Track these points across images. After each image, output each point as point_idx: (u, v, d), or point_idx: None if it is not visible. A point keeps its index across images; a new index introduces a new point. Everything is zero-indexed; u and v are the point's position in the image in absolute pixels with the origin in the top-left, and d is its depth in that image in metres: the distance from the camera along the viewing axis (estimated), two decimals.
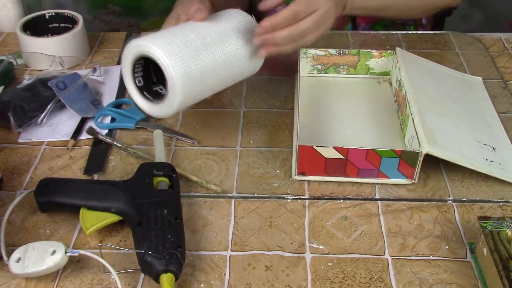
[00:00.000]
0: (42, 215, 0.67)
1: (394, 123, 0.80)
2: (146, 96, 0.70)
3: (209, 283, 0.60)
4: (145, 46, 0.65)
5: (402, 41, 1.01)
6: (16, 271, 0.58)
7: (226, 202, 0.69)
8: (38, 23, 0.96)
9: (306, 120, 0.80)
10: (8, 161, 0.75)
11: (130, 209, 0.63)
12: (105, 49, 1.00)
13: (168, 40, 0.66)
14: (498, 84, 0.89)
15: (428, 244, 0.64)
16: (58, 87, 0.83)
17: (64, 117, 0.83)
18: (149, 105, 0.70)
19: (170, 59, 0.64)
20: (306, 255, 0.62)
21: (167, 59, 0.64)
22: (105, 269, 0.60)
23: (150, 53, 0.64)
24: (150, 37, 0.66)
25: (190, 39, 0.67)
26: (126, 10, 1.80)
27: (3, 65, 0.89)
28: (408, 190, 0.71)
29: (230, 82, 0.73)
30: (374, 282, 0.59)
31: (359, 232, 0.65)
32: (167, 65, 0.64)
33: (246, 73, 0.75)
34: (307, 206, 0.68)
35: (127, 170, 0.74)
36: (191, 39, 0.67)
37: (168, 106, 0.67)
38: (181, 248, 0.59)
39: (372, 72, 0.89)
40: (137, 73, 0.70)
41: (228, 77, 0.72)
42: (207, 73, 0.68)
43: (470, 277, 0.60)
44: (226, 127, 0.81)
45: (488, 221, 0.60)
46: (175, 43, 0.65)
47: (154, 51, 0.64)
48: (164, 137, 0.77)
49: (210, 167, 0.74)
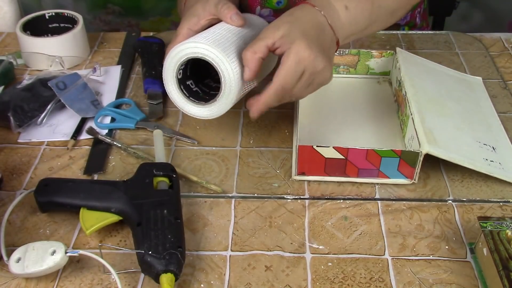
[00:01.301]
0: (42, 215, 0.67)
1: (394, 123, 0.80)
2: (193, 100, 0.71)
3: (209, 283, 0.60)
4: (198, 48, 0.66)
5: (402, 41, 1.01)
6: (16, 271, 0.58)
7: (226, 202, 0.69)
8: (38, 23, 0.96)
9: (306, 120, 0.80)
10: (8, 161, 0.75)
11: (130, 209, 0.63)
12: (105, 49, 1.00)
13: (220, 42, 0.66)
14: (498, 84, 0.89)
15: (428, 244, 0.64)
16: (58, 87, 0.83)
17: (64, 117, 0.83)
18: (199, 107, 0.71)
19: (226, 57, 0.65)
20: (306, 255, 0.62)
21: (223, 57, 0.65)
22: (105, 269, 0.60)
23: (204, 55, 0.65)
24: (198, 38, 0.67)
25: (234, 41, 0.68)
26: (126, 10, 1.80)
27: (3, 65, 0.89)
28: (408, 190, 0.71)
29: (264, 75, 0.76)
30: (374, 282, 0.59)
31: (359, 232, 0.65)
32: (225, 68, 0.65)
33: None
34: (307, 206, 0.68)
35: (127, 170, 0.74)
36: (235, 41, 0.68)
37: (221, 106, 0.69)
38: (181, 248, 0.59)
39: (372, 72, 0.89)
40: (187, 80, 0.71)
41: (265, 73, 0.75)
42: None
43: (470, 277, 0.60)
44: (226, 127, 0.81)
45: (488, 221, 0.60)
46: (226, 45, 0.66)
47: (209, 51, 0.65)
48: (164, 137, 0.77)
49: (210, 167, 0.74)
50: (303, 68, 0.64)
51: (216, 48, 0.65)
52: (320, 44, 0.66)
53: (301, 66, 0.64)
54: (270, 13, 1.05)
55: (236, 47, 0.68)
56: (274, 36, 0.65)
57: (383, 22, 0.76)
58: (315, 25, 0.67)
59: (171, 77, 0.69)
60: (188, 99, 0.71)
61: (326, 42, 0.67)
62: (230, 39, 0.68)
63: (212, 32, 0.69)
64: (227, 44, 0.67)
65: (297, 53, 0.63)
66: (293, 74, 0.64)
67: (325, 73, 0.66)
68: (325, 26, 0.68)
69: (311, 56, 0.63)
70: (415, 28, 1.10)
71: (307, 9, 0.68)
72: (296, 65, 0.63)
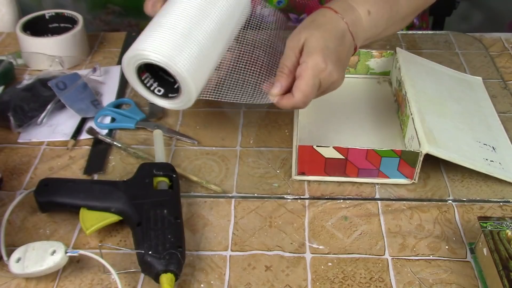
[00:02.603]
0: (42, 215, 0.67)
1: (394, 123, 0.80)
2: (159, 94, 0.70)
3: (209, 283, 0.60)
4: (143, 55, 0.65)
5: (402, 41, 1.01)
6: (16, 271, 0.58)
7: (226, 202, 0.69)
8: (38, 23, 0.96)
9: (306, 120, 0.80)
10: (8, 161, 0.75)
11: (130, 209, 0.63)
12: (105, 49, 1.00)
13: (161, 38, 0.65)
14: (498, 84, 0.89)
15: (428, 244, 0.64)
16: (58, 87, 0.83)
17: (64, 117, 0.83)
18: (167, 102, 0.70)
19: (171, 60, 0.64)
20: (306, 255, 0.62)
21: (169, 61, 0.64)
22: (105, 269, 0.60)
23: (151, 60, 0.65)
24: (143, 42, 0.66)
25: (178, 26, 0.67)
26: (126, 10, 1.80)
27: (3, 65, 0.89)
28: (408, 190, 0.71)
29: (232, 34, 0.74)
30: (374, 282, 0.59)
31: (359, 232, 0.65)
32: (171, 67, 0.64)
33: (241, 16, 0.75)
34: (307, 206, 0.68)
35: (127, 170, 0.74)
36: (179, 25, 0.67)
37: (186, 97, 0.68)
38: (181, 248, 0.59)
39: (372, 72, 0.89)
40: (146, 79, 0.70)
41: (228, 35, 0.72)
42: (207, 47, 0.68)
43: (470, 277, 0.60)
44: (226, 127, 0.81)
45: (488, 221, 0.60)
46: (169, 39, 0.65)
47: (154, 57, 0.64)
48: (164, 137, 0.77)
49: (210, 167, 0.74)
50: (319, 81, 0.65)
51: (162, 54, 0.64)
52: (338, 56, 0.67)
53: (317, 79, 0.65)
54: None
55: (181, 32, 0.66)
56: (299, 46, 0.67)
57: (396, 27, 0.77)
58: (335, 35, 0.68)
59: (134, 80, 0.69)
60: (153, 93, 0.70)
61: (343, 52, 0.68)
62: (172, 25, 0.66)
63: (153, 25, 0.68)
64: (168, 34, 0.65)
65: (314, 67, 0.65)
66: (311, 87, 0.65)
67: (338, 83, 0.68)
68: (345, 34, 0.68)
69: (327, 70, 0.65)
70: (413, 28, 1.10)
71: (329, 15, 0.69)
72: (314, 78, 0.65)
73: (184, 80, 0.65)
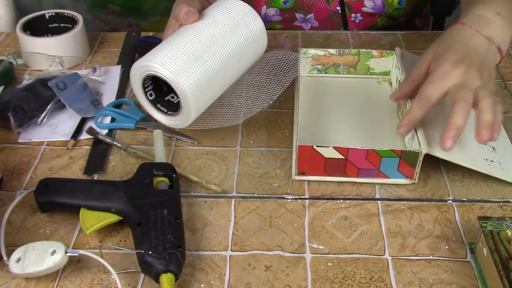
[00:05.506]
0: (42, 215, 0.67)
1: (394, 123, 0.80)
2: (161, 109, 0.74)
3: (209, 283, 0.60)
4: (151, 66, 0.68)
5: (402, 41, 1.01)
6: (16, 271, 0.58)
7: (226, 202, 0.69)
8: (38, 23, 0.96)
9: (306, 120, 0.80)
10: (8, 161, 0.75)
11: (130, 209, 0.63)
12: (105, 49, 1.00)
13: (171, 55, 0.68)
14: (498, 84, 0.89)
15: (428, 244, 0.64)
16: (58, 87, 0.83)
17: (64, 117, 0.83)
18: (166, 117, 0.74)
19: (177, 76, 0.67)
20: (306, 255, 0.62)
21: (175, 77, 0.67)
22: (105, 269, 0.60)
23: (157, 73, 0.68)
24: (153, 55, 0.69)
25: (189, 47, 0.69)
26: (126, 10, 1.80)
27: (3, 65, 0.89)
28: (408, 190, 0.71)
29: (241, 72, 0.76)
30: (374, 282, 0.59)
31: (359, 232, 0.65)
32: (176, 83, 0.67)
33: (254, 58, 0.77)
34: (307, 206, 0.68)
35: (127, 170, 0.74)
36: (191, 47, 0.69)
37: (184, 117, 0.71)
38: (181, 248, 0.59)
39: (372, 72, 0.89)
40: (148, 88, 0.73)
41: (237, 70, 0.75)
42: (215, 75, 0.71)
43: (470, 277, 0.60)
44: (226, 127, 0.81)
45: (488, 221, 0.60)
46: (178, 57, 0.68)
47: (161, 71, 0.67)
48: (164, 137, 0.77)
49: (210, 167, 0.74)
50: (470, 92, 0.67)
51: (167, 68, 0.67)
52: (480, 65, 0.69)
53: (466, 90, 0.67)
54: (276, 12, 1.05)
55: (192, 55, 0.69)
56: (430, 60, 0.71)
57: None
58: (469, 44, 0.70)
59: (138, 89, 0.73)
60: (157, 110, 0.75)
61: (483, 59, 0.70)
62: (185, 47, 0.69)
63: (168, 43, 0.70)
64: (180, 54, 0.68)
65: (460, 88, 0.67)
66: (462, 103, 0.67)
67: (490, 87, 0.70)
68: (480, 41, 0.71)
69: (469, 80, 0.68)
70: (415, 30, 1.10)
71: (458, 28, 0.72)
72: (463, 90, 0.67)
73: (186, 98, 0.68)
